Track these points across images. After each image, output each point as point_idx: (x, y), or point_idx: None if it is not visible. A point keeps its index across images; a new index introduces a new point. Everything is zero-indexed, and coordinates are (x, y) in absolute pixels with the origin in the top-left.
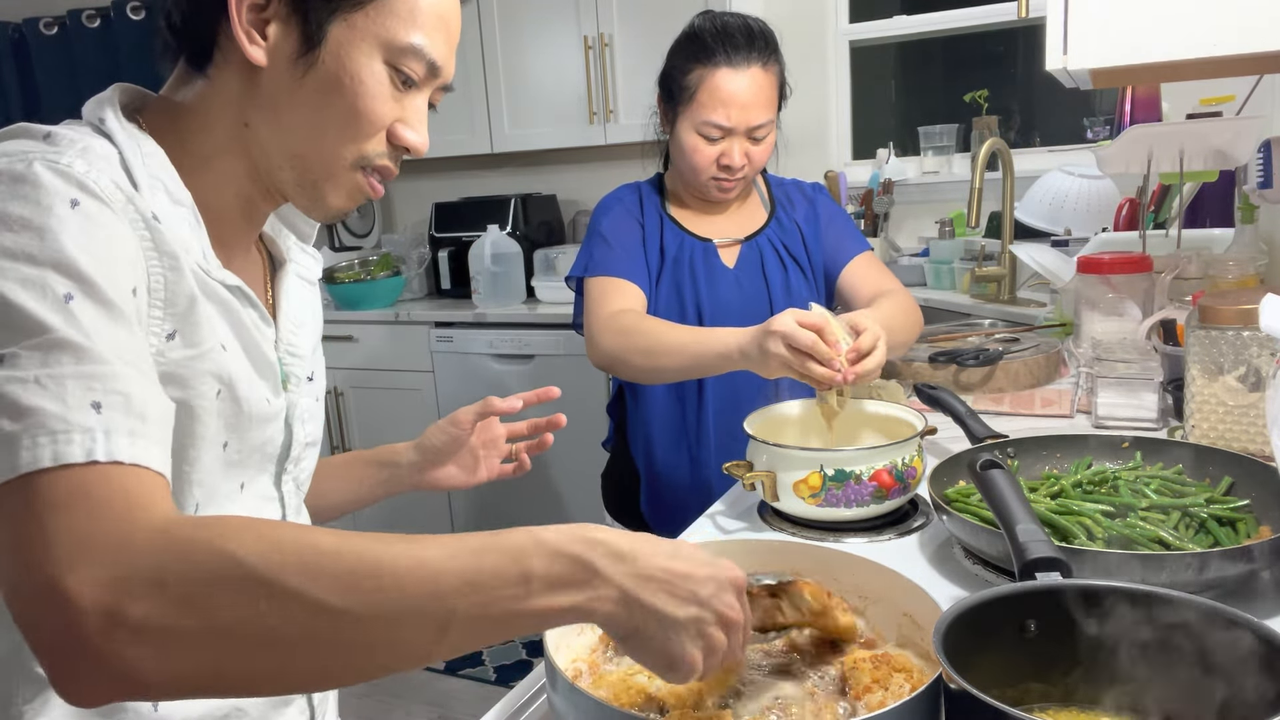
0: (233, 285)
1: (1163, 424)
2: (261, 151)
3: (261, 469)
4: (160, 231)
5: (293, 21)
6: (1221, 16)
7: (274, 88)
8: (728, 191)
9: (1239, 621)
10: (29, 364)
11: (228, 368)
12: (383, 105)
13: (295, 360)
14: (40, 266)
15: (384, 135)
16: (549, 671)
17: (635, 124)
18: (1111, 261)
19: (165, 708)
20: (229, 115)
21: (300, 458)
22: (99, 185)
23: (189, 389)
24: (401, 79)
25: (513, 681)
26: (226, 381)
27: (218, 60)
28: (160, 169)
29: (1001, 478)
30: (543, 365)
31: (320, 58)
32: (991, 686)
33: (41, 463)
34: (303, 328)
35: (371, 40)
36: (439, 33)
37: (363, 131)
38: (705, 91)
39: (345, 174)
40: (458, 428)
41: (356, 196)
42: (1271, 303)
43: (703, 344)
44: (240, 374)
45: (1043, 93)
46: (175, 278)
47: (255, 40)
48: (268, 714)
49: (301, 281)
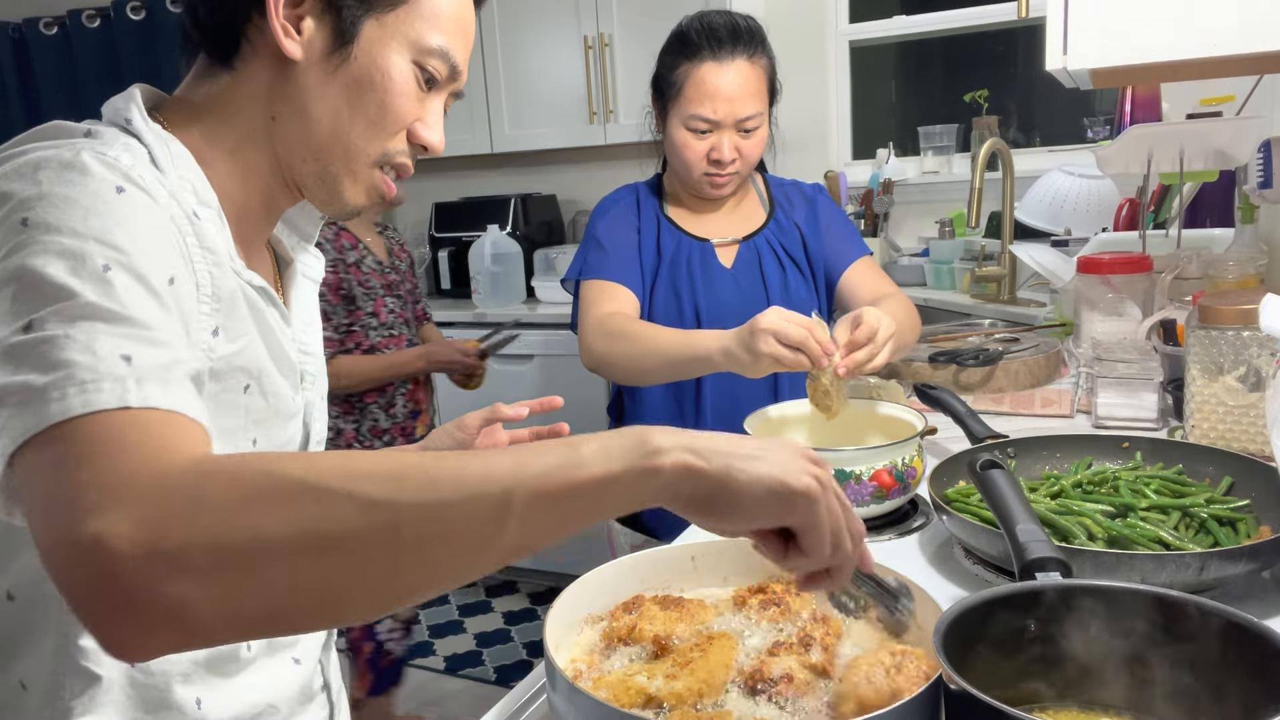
0: (259, 286)
1: (1163, 424)
2: (285, 145)
3: None
4: (202, 227)
5: (327, 18)
6: (1221, 16)
7: (305, 81)
8: (721, 187)
9: (1239, 621)
10: (58, 324)
11: (258, 364)
12: (408, 103)
13: (308, 358)
14: (82, 239)
15: (405, 134)
16: (549, 671)
17: (635, 124)
18: (1111, 261)
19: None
20: (255, 108)
21: None
22: (144, 179)
23: (224, 383)
24: (426, 79)
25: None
26: (255, 377)
27: (245, 54)
28: (188, 169)
29: (1001, 478)
30: (542, 366)
31: (353, 54)
32: (991, 686)
33: (72, 412)
34: (311, 325)
35: (401, 39)
36: (459, 37)
37: (388, 128)
38: (691, 86)
39: (365, 170)
40: (464, 432)
41: (373, 194)
42: (1271, 303)
43: (682, 347)
44: (268, 370)
45: (1043, 93)
46: (220, 274)
47: (291, 34)
48: (295, 710)
49: (306, 280)
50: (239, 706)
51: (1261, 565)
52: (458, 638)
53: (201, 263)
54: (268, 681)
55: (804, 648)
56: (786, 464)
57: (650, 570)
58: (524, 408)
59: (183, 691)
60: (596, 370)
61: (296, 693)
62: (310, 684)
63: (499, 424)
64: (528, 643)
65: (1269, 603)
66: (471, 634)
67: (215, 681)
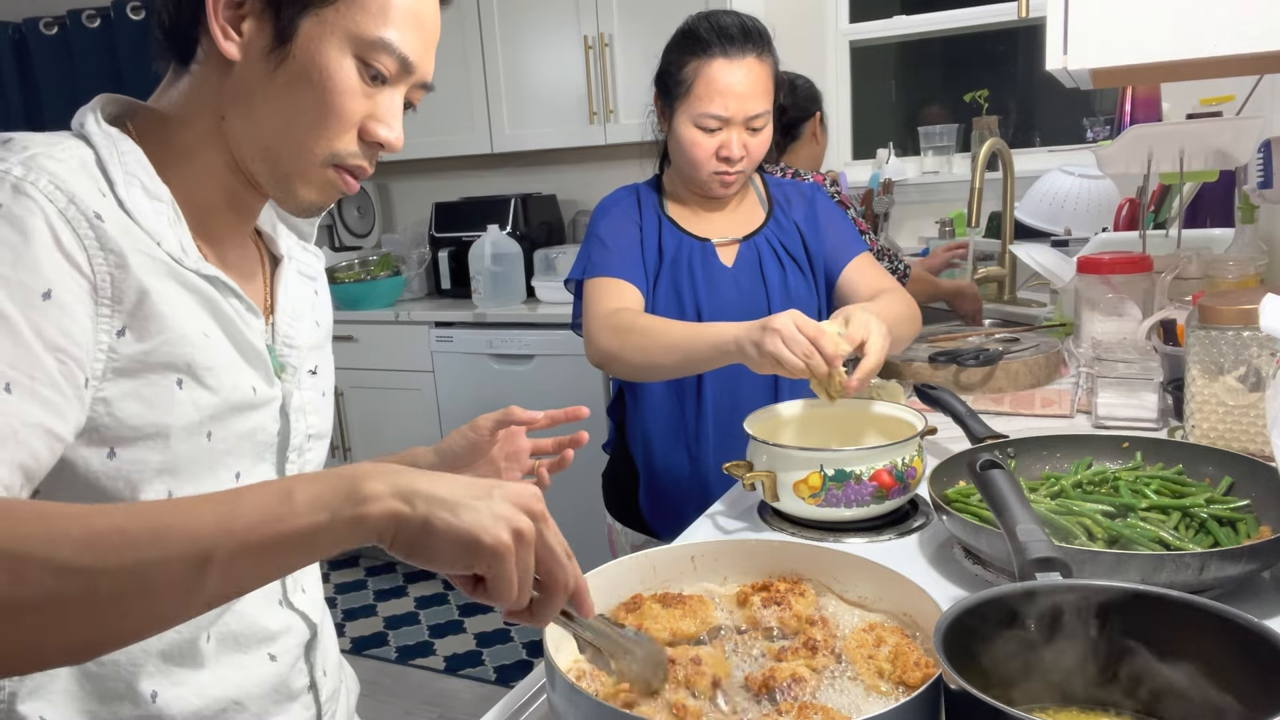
0: (209, 275)
1: (1163, 424)
2: (237, 145)
3: (259, 458)
4: (104, 230)
5: (266, 16)
6: (1221, 16)
7: (248, 82)
8: (729, 185)
9: (1239, 621)
10: None
11: (195, 357)
12: (351, 101)
13: (292, 352)
14: None
15: (355, 132)
16: (549, 671)
17: (635, 124)
18: (1111, 261)
19: (164, 699)
20: (208, 110)
21: (304, 449)
22: (36, 188)
23: (142, 380)
24: (371, 74)
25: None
26: (189, 370)
27: (200, 57)
28: (136, 165)
29: (1001, 478)
30: (543, 365)
31: (291, 52)
32: (991, 686)
33: None
34: (300, 320)
35: (341, 35)
36: (412, 30)
37: (331, 127)
38: (702, 83)
39: (316, 170)
40: (477, 433)
41: (329, 192)
42: (1271, 303)
43: (697, 338)
44: (220, 362)
45: (1043, 93)
46: (121, 275)
47: (230, 35)
48: (268, 709)
49: (302, 278)
50: (200, 702)
51: (1261, 565)
52: (458, 638)
53: (102, 266)
54: (234, 677)
55: (810, 651)
56: (488, 516)
57: (650, 570)
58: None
59: (138, 683)
60: (604, 366)
61: (269, 691)
62: (288, 683)
63: (520, 431)
64: (528, 643)
65: (1269, 603)
66: (471, 634)
67: (176, 674)
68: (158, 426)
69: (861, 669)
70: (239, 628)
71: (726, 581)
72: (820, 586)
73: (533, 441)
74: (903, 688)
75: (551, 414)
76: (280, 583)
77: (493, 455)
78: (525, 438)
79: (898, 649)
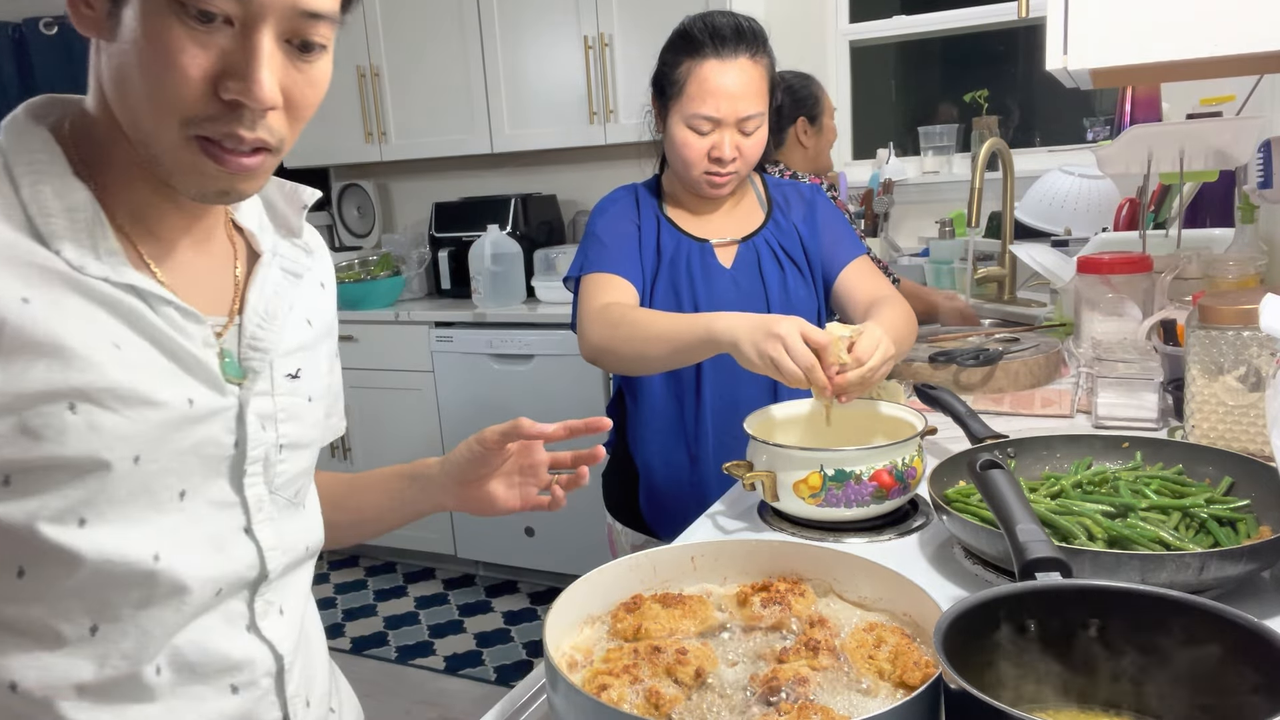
0: (124, 284)
1: (1163, 424)
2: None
3: (210, 473)
4: None
5: None
6: (1221, 16)
7: (109, 58)
8: (720, 186)
9: (1239, 621)
10: None
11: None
12: (180, 55)
13: (257, 355)
14: None
15: (203, 92)
16: (549, 672)
17: (635, 124)
18: (1111, 261)
19: None
20: (100, 100)
21: (272, 460)
22: None
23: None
24: (196, 13)
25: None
26: (81, 394)
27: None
28: (48, 166)
29: (1001, 478)
30: (542, 365)
31: (122, 17)
32: (991, 686)
33: None
34: (274, 320)
35: None
36: None
37: (167, 88)
38: (694, 84)
39: (178, 147)
40: (484, 446)
41: (207, 174)
42: (1271, 303)
43: (686, 328)
44: (137, 376)
45: (1043, 93)
46: None
47: (79, 9)
48: None
49: (284, 275)
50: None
51: (1261, 565)
52: (458, 638)
53: None
54: (187, 711)
55: (812, 652)
56: None
57: (650, 570)
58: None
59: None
60: (596, 361)
61: None
62: (255, 716)
63: (538, 444)
64: (528, 643)
65: (1269, 603)
66: (471, 634)
67: (116, 708)
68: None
69: (862, 669)
70: (195, 657)
71: (726, 581)
72: (820, 586)
73: (551, 455)
74: (903, 688)
75: (570, 425)
76: (248, 607)
77: (507, 469)
78: (543, 451)
79: (898, 649)
